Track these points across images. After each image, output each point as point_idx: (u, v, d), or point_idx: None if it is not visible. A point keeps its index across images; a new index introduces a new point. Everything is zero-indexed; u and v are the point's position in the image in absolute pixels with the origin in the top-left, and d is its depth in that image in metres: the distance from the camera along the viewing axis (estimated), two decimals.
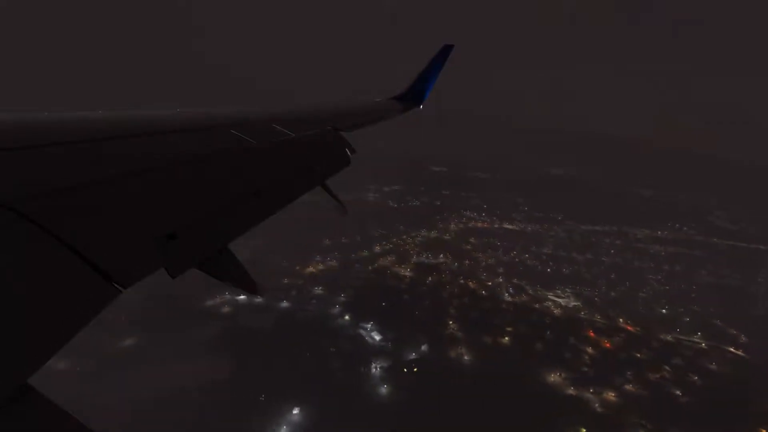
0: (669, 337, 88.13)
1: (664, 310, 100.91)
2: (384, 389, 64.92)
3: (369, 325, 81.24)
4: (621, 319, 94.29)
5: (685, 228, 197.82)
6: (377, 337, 77.94)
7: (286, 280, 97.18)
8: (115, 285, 1.90)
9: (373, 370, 68.96)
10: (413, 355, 73.97)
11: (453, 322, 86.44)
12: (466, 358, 74.81)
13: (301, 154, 5.15)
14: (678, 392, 70.35)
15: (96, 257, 1.94)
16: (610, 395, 68.49)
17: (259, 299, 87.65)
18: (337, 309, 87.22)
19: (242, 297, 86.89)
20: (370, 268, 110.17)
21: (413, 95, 11.29)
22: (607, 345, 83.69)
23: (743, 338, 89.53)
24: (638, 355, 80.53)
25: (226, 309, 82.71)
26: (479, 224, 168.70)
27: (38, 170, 2.32)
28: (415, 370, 69.61)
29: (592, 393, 68.16)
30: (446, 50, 11.23)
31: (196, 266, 2.56)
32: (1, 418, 1.24)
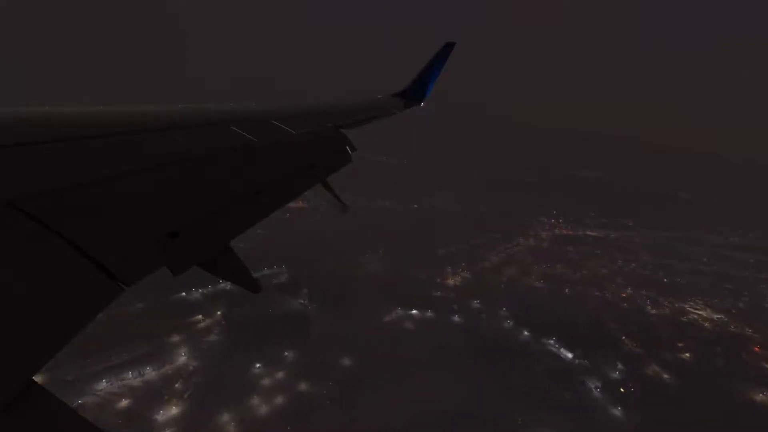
0: None
1: None
2: (618, 411, 64.72)
3: (552, 341, 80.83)
4: None
5: (750, 234, 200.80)
6: (569, 355, 77.59)
7: (438, 293, 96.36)
8: (118, 283, 1.90)
9: (594, 391, 68.64)
10: (617, 374, 73.86)
11: (624, 337, 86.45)
12: (665, 376, 74.89)
13: (301, 151, 5.12)
14: None
15: (99, 255, 1.93)
16: None
17: (429, 313, 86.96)
18: (509, 324, 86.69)
19: (414, 311, 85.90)
20: (503, 279, 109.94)
21: (415, 92, 11.09)
22: None
23: None
24: None
25: (408, 325, 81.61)
26: (564, 231, 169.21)
27: (40, 168, 2.30)
28: (632, 390, 69.46)
29: None
30: (448, 48, 11.02)
31: (198, 264, 2.56)
32: (6, 416, 1.24)
